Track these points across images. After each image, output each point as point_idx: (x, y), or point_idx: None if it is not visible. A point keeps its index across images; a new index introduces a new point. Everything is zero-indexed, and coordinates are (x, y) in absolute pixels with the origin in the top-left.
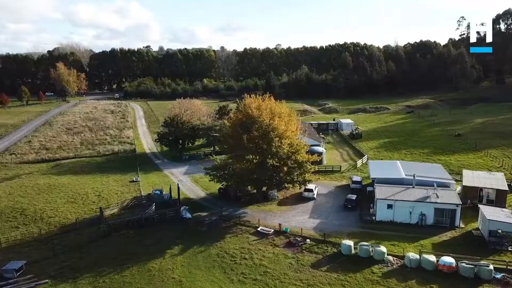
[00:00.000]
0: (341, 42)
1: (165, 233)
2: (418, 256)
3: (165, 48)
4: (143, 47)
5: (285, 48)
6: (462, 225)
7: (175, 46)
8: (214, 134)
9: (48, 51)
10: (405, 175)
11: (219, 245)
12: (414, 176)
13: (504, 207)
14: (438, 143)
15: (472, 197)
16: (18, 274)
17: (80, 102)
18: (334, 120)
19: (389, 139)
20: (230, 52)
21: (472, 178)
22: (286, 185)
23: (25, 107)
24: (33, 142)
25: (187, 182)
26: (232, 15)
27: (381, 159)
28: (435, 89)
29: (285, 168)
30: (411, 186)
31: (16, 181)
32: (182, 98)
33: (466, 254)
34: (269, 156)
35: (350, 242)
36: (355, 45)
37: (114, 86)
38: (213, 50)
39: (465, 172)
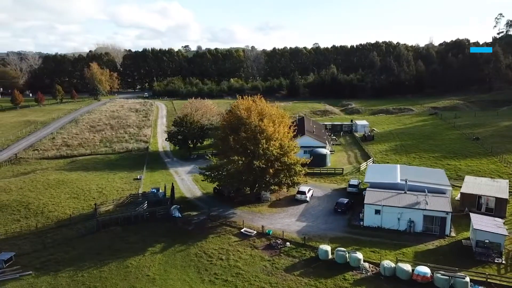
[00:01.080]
0: (373, 41)
1: (151, 231)
2: (393, 265)
3: (203, 48)
4: (182, 46)
5: (315, 48)
6: (453, 234)
7: (214, 45)
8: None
9: (90, 51)
10: (400, 180)
11: (199, 244)
12: (406, 181)
13: (504, 217)
14: (452, 147)
15: (470, 205)
16: (7, 265)
17: (109, 101)
18: (352, 121)
19: (402, 141)
20: (259, 51)
21: (472, 184)
22: (272, 187)
23: (58, 105)
24: (57, 139)
25: (187, 181)
26: (270, 14)
27: (388, 162)
28: (466, 90)
29: (271, 170)
30: (402, 192)
31: (30, 176)
32: (206, 97)
33: (449, 264)
34: (257, 158)
35: (327, 247)
36: (388, 44)
37: (146, 85)
38: (242, 50)
39: (467, 178)
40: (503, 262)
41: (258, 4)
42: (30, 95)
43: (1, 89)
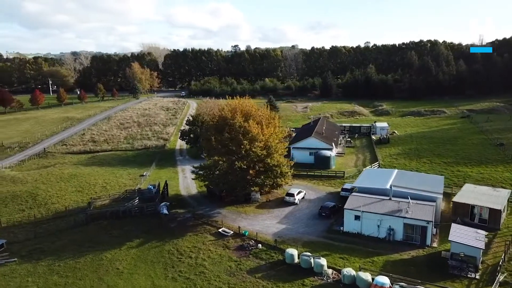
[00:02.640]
0: (417, 40)
1: (135, 226)
2: (353, 273)
3: (253, 47)
4: (232, 46)
5: (354, 47)
6: (435, 245)
7: (264, 45)
8: None
9: (142, 51)
10: (390, 185)
11: (175, 242)
12: (391, 187)
13: (498, 229)
14: (469, 152)
15: (463, 215)
16: None
17: (146, 99)
18: (375, 122)
19: (418, 145)
20: (297, 51)
21: (468, 193)
22: (253, 188)
23: (99, 103)
24: (86, 135)
25: (189, 179)
26: (322, 13)
27: (394, 166)
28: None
29: (251, 172)
30: (387, 198)
31: (49, 169)
32: (238, 97)
33: (419, 276)
34: (239, 158)
35: (293, 251)
36: (433, 43)
37: (186, 84)
38: (280, 50)
39: (466, 186)
40: (477, 277)
41: (310, 3)
42: (78, 92)
43: (55, 87)
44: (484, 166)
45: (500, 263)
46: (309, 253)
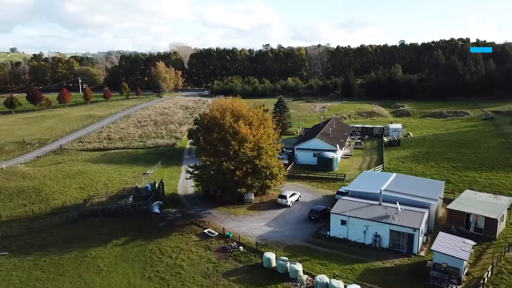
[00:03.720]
0: (447, 38)
1: (125, 225)
2: (326, 280)
3: (285, 46)
4: (263, 45)
5: (381, 45)
6: (422, 253)
7: (296, 43)
8: None
9: (172, 50)
10: (380, 190)
11: (159, 241)
12: (381, 192)
13: (494, 238)
14: (482, 157)
15: (458, 223)
16: None
17: (169, 98)
18: (391, 123)
19: (429, 148)
20: (322, 50)
21: (466, 200)
22: (240, 189)
23: (123, 101)
24: (103, 133)
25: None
26: (356, 11)
27: (399, 170)
28: None
29: (239, 173)
30: (377, 203)
31: (60, 165)
32: (259, 96)
33: (396, 286)
34: (228, 159)
35: (271, 255)
36: (465, 41)
37: (210, 84)
38: (305, 49)
39: (466, 193)
40: None
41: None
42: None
43: (85, 85)
44: (495, 171)
45: (485, 275)
46: (285, 258)
